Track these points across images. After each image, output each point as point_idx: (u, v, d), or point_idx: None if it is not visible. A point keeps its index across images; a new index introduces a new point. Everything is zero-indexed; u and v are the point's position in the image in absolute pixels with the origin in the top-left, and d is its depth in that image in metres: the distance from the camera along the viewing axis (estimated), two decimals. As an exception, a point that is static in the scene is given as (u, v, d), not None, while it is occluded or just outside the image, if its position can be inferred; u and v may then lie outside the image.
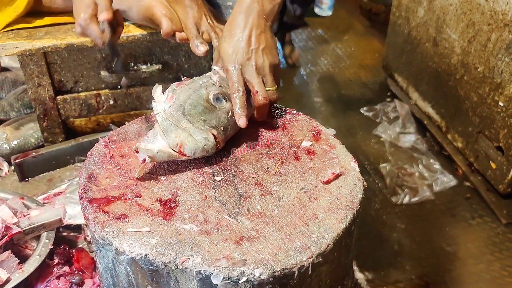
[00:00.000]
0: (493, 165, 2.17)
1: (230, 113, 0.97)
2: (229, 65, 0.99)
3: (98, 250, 0.85)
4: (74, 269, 1.17)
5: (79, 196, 0.88)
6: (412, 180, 2.36)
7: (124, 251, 0.77)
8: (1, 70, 1.55)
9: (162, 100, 0.95)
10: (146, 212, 0.83)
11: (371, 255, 1.98)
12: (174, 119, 0.90)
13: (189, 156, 0.91)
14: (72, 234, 1.28)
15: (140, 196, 0.87)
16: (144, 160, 0.89)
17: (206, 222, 0.81)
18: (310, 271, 0.74)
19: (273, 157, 0.95)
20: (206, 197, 0.86)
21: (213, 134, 0.91)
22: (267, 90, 1.00)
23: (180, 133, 0.89)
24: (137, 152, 0.89)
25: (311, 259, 0.74)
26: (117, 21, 1.17)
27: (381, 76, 3.19)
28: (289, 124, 1.05)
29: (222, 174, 0.91)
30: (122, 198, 0.86)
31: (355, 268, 1.62)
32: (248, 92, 1.00)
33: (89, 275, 1.17)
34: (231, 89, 0.99)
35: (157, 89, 0.98)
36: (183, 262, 0.74)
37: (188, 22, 1.23)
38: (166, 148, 0.89)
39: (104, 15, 1.09)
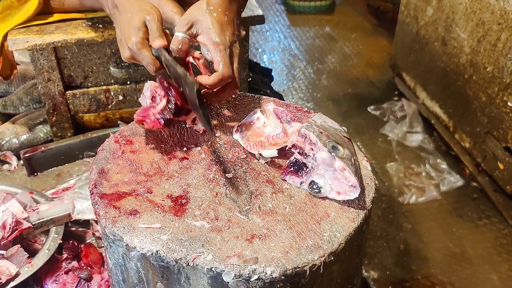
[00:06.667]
0: (501, 166, 2.16)
1: None
2: (221, 42, 0.95)
3: (108, 246, 0.85)
4: (83, 264, 1.17)
5: (90, 192, 0.88)
6: (419, 180, 2.36)
7: (135, 247, 0.77)
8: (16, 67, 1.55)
9: None
10: (157, 208, 0.83)
11: (377, 254, 1.98)
12: None
13: None
14: (80, 229, 1.28)
15: (151, 192, 0.86)
16: None
17: (217, 219, 0.81)
18: (321, 270, 0.74)
19: (284, 155, 0.94)
20: (217, 194, 0.86)
21: None
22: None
23: None
24: None
25: (323, 258, 0.74)
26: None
27: (389, 75, 3.18)
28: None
29: (233, 171, 0.91)
30: (133, 194, 0.86)
31: (361, 267, 1.61)
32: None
33: (98, 271, 1.17)
34: (225, 63, 0.94)
35: None
36: (194, 259, 0.74)
37: None
38: None
39: (159, 42, 0.97)
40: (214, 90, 0.96)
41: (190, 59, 1.00)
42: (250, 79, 1.70)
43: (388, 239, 2.06)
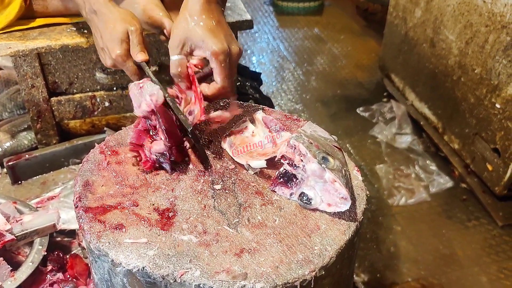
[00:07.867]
0: (490, 167, 2.16)
1: None
2: (220, 50, 0.91)
3: (93, 261, 0.82)
4: (68, 276, 1.15)
5: (74, 205, 0.85)
6: (408, 182, 2.36)
7: (120, 263, 0.75)
8: None
9: None
10: (143, 222, 0.81)
11: (367, 257, 1.98)
12: None
13: None
14: (66, 239, 1.26)
15: (137, 205, 0.84)
16: None
17: (205, 233, 0.79)
18: (312, 284, 0.72)
19: (274, 165, 0.93)
20: (205, 207, 0.84)
21: None
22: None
23: None
24: None
25: (314, 273, 0.72)
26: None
27: (378, 76, 3.18)
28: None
29: (221, 182, 0.89)
30: (119, 207, 0.84)
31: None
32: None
33: (83, 282, 1.15)
34: (224, 76, 0.92)
35: None
36: (181, 275, 0.72)
37: None
38: None
39: (141, 57, 1.00)
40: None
41: (190, 71, 0.96)
42: (238, 83, 1.68)
43: (378, 241, 2.06)
